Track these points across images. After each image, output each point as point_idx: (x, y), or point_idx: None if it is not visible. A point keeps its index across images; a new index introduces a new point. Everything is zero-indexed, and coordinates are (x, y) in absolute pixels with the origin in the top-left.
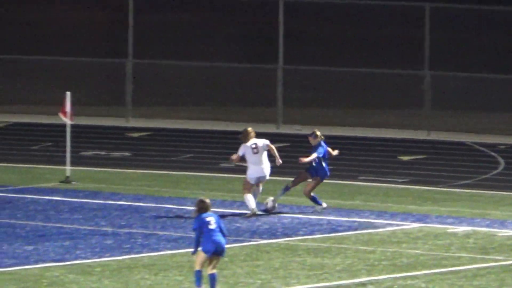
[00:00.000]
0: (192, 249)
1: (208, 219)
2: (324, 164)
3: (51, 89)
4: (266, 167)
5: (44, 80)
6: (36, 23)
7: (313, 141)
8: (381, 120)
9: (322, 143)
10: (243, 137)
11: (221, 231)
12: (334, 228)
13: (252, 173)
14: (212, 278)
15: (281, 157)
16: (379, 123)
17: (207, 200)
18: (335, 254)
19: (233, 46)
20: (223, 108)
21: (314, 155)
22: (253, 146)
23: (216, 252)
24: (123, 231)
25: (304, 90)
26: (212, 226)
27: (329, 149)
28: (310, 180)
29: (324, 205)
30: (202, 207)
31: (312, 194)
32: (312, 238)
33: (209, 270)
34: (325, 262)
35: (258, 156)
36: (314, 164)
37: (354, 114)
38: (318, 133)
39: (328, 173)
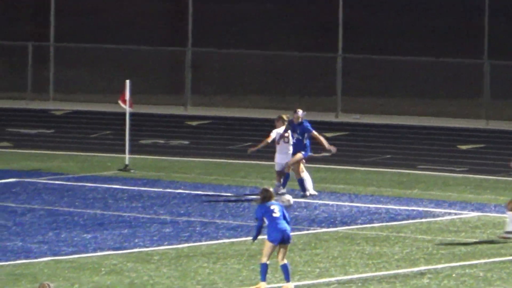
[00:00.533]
0: (252, 237)
1: (272, 207)
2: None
3: (111, 77)
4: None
5: (104, 69)
6: (96, 12)
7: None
8: (440, 109)
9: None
10: (281, 122)
11: (285, 218)
12: (392, 217)
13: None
14: (285, 269)
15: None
16: (438, 112)
17: (271, 189)
18: (393, 243)
19: (293, 35)
20: (282, 97)
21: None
22: (286, 134)
23: (283, 240)
24: (181, 220)
25: (363, 79)
26: (276, 214)
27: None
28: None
29: (309, 193)
30: (266, 196)
31: (302, 176)
32: (371, 227)
33: (280, 261)
34: (383, 251)
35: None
36: (294, 141)
37: (413, 103)
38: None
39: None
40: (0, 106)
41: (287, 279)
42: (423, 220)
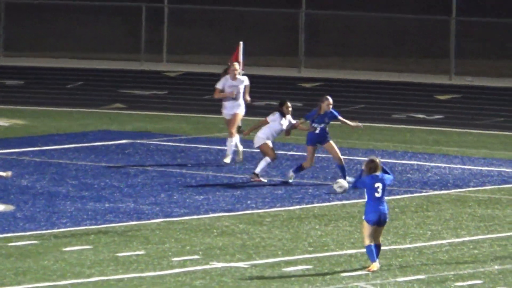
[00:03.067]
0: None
1: (376, 185)
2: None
3: (225, 38)
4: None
5: (218, 30)
6: None
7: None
8: None
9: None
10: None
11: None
12: (505, 179)
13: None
14: (376, 248)
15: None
16: None
17: (377, 160)
18: (505, 206)
19: None
20: (396, 59)
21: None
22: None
23: (379, 222)
24: (294, 181)
25: (477, 42)
26: (379, 194)
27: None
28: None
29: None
30: (372, 167)
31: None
32: (483, 189)
33: (374, 240)
34: (495, 214)
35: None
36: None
37: None
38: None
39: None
40: (113, 67)
41: (374, 258)
42: None
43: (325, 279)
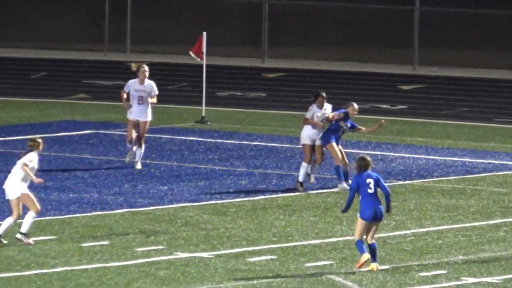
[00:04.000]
0: (342, 210)
1: (368, 180)
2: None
3: (189, 29)
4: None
5: (181, 20)
6: None
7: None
8: None
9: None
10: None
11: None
12: (469, 170)
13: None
14: (373, 248)
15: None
16: None
17: (368, 158)
18: (469, 196)
19: None
20: (359, 49)
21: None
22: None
23: (375, 218)
24: (258, 172)
25: (441, 32)
26: (371, 190)
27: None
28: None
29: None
30: (362, 165)
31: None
32: (447, 180)
33: (369, 240)
34: (459, 204)
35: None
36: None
37: (490, 56)
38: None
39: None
40: (77, 57)
41: (373, 260)
42: (499, 173)
43: (290, 269)
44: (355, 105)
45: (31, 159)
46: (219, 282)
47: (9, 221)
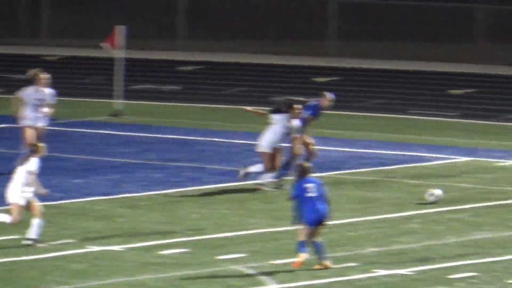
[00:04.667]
0: (291, 221)
1: (306, 185)
2: None
3: (104, 22)
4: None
5: (97, 14)
6: None
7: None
8: (432, 54)
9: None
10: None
11: (322, 197)
12: (382, 161)
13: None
14: (318, 246)
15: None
16: (430, 57)
17: (306, 164)
18: (383, 188)
19: None
20: (274, 41)
21: None
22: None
23: (319, 222)
24: (171, 165)
25: (354, 23)
26: (312, 193)
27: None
28: None
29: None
30: (302, 171)
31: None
32: (361, 172)
33: (313, 239)
34: (372, 196)
35: None
36: None
37: (406, 48)
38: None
39: None
40: None
41: (323, 257)
42: (413, 165)
43: (202, 262)
44: (328, 96)
45: (36, 165)
46: (131, 275)
47: (6, 218)
